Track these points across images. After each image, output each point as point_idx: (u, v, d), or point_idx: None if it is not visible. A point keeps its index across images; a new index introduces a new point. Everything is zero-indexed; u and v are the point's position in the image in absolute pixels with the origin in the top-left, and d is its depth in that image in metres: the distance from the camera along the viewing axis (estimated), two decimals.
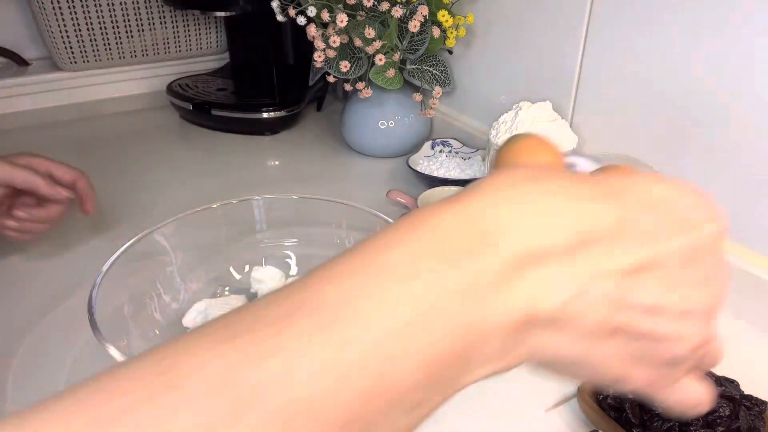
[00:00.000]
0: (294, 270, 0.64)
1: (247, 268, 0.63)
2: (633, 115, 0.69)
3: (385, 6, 0.80)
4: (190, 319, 0.58)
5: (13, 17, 1.18)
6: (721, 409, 0.44)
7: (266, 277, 0.62)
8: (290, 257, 0.65)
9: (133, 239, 0.55)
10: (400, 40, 0.84)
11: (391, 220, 0.59)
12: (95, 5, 1.12)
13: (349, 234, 0.63)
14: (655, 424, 0.45)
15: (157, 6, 1.19)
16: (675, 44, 0.62)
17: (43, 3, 1.07)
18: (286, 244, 0.65)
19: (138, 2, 1.16)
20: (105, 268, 0.50)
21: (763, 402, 0.46)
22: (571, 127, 0.76)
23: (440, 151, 0.93)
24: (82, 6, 1.11)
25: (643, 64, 0.66)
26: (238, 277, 0.63)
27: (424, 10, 0.80)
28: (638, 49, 0.66)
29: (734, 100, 0.58)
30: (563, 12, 0.74)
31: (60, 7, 1.09)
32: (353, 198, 0.63)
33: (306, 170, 0.67)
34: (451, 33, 0.85)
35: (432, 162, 0.87)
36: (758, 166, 0.58)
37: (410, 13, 0.81)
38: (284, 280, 0.63)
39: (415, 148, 0.96)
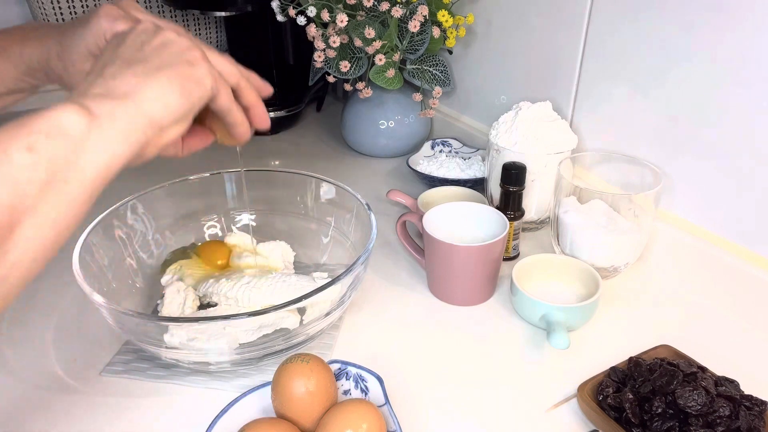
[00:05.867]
0: (256, 234, 0.70)
1: (219, 233, 0.71)
2: (633, 115, 0.69)
3: (385, 6, 0.80)
4: (167, 278, 0.63)
5: (13, 17, 1.19)
6: (721, 409, 0.44)
7: (238, 242, 0.68)
8: (254, 224, 0.71)
9: (118, 204, 0.61)
10: (400, 40, 0.84)
11: (348, 187, 0.65)
12: (95, 5, 1.12)
13: (315, 204, 0.69)
14: (655, 424, 0.45)
15: (157, 6, 1.19)
16: (675, 44, 0.62)
17: (43, 3, 1.07)
18: (253, 211, 0.72)
19: (138, 2, 1.16)
20: (89, 229, 0.57)
21: (763, 402, 0.46)
22: (571, 127, 0.76)
23: (440, 151, 0.93)
24: (83, 6, 1.11)
25: (643, 64, 0.66)
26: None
27: (424, 10, 0.80)
28: (638, 48, 0.66)
29: (734, 100, 0.58)
30: (563, 12, 0.74)
31: (60, 7, 1.09)
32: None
33: (306, 170, 0.67)
34: (451, 33, 0.85)
35: (432, 162, 0.87)
36: (758, 167, 0.58)
37: (410, 13, 0.81)
38: (255, 244, 0.68)
39: (415, 148, 0.96)
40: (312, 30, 0.82)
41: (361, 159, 0.99)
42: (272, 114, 1.06)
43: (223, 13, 1.12)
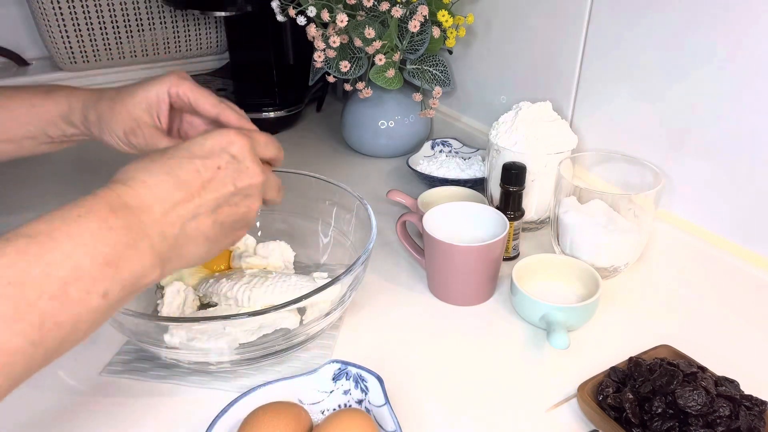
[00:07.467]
0: (260, 233, 0.71)
1: None
2: (633, 115, 0.69)
3: (385, 6, 0.80)
4: (167, 278, 0.62)
5: (13, 17, 1.18)
6: (721, 409, 0.44)
7: (240, 242, 0.67)
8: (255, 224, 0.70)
9: None
10: (400, 40, 0.84)
11: (348, 187, 0.64)
12: (95, 5, 1.12)
13: (315, 204, 0.68)
14: (655, 424, 0.45)
15: (157, 6, 1.19)
16: (675, 44, 0.62)
17: (43, 3, 1.07)
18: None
19: (138, 2, 1.16)
20: None
21: (763, 402, 0.46)
22: (571, 127, 0.76)
23: (440, 151, 0.93)
24: (82, 6, 1.11)
25: (643, 64, 0.66)
26: None
27: (424, 10, 0.80)
28: (638, 48, 0.66)
29: (734, 100, 0.58)
30: (563, 12, 0.74)
31: (60, 7, 1.09)
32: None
33: (306, 170, 0.67)
34: (451, 33, 0.85)
35: (432, 162, 0.87)
36: (758, 166, 0.58)
37: (410, 13, 0.81)
38: (255, 244, 0.68)
39: (415, 148, 0.96)
40: (312, 30, 0.82)
41: (361, 159, 0.99)
42: (272, 114, 1.06)
43: (223, 13, 1.12)
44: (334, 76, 0.87)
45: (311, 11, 0.81)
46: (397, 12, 0.79)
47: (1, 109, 0.55)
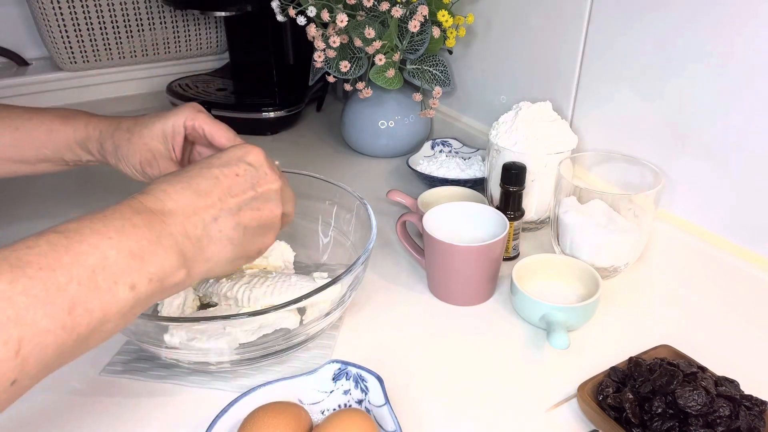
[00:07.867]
0: None
1: None
2: (633, 115, 0.69)
3: (385, 6, 0.80)
4: None
5: (13, 17, 1.18)
6: (721, 409, 0.44)
7: None
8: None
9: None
10: (400, 40, 0.84)
11: (348, 187, 0.64)
12: (95, 5, 1.12)
13: (315, 204, 0.68)
14: (655, 424, 0.45)
15: (157, 6, 1.19)
16: (675, 44, 0.62)
17: (43, 3, 1.07)
18: None
19: (138, 2, 1.16)
20: None
21: (763, 402, 0.46)
22: (571, 127, 0.76)
23: (440, 151, 0.93)
24: (82, 6, 1.11)
25: (643, 64, 0.66)
26: None
27: (424, 10, 0.80)
28: (638, 48, 0.66)
29: (735, 99, 0.58)
30: (563, 12, 0.74)
31: (60, 7, 1.09)
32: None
33: (306, 170, 0.67)
34: (451, 33, 0.85)
35: (432, 162, 0.87)
36: (758, 166, 0.58)
37: (410, 13, 0.81)
38: None
39: (415, 148, 0.96)
40: (312, 30, 0.82)
41: (361, 159, 0.99)
42: (272, 114, 1.06)
43: (223, 13, 1.12)
44: (334, 76, 0.87)
45: (311, 11, 0.81)
46: (397, 12, 0.79)
47: (18, 131, 0.56)
